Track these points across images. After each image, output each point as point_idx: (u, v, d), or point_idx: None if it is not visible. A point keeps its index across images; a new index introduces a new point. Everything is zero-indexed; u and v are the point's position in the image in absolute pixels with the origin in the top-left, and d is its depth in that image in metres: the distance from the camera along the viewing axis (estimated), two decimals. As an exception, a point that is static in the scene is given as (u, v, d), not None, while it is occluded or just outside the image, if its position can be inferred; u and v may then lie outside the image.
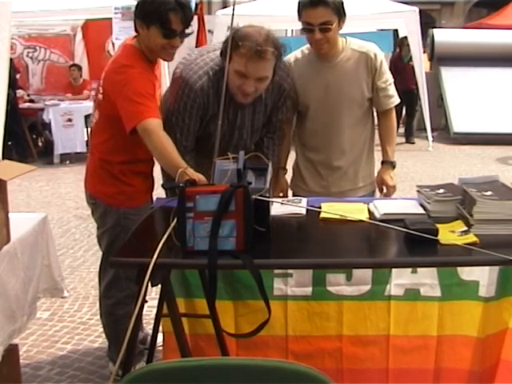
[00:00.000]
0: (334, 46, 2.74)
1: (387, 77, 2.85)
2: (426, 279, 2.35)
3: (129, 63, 2.50)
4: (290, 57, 2.84)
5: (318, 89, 2.80)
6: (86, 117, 8.47)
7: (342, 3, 2.67)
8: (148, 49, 2.54)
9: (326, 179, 2.88)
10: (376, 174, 2.95)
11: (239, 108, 2.61)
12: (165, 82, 9.78)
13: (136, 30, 2.56)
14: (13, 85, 8.01)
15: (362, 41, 2.87)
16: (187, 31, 2.52)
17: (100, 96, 2.61)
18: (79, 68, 9.71)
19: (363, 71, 2.79)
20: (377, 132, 2.95)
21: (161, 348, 2.57)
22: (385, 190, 2.89)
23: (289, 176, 3.03)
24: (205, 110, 2.56)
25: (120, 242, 2.49)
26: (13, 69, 8.53)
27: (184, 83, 2.54)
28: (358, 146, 2.89)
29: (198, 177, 2.15)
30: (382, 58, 2.84)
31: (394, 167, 2.90)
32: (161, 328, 2.29)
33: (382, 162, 2.91)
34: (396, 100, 2.89)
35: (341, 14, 2.66)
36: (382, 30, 10.15)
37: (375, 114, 2.95)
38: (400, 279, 2.36)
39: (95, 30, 10.31)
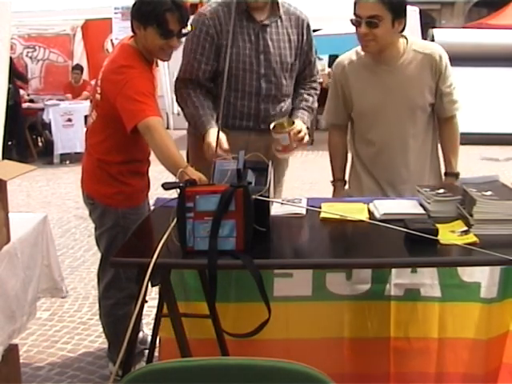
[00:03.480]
0: (383, 47, 2.54)
1: (451, 80, 2.65)
2: (426, 279, 2.34)
3: (128, 63, 2.50)
4: (344, 59, 2.72)
5: (376, 95, 2.61)
6: (86, 117, 8.45)
7: (402, 2, 2.49)
8: (145, 49, 2.54)
9: (386, 193, 2.68)
10: None
11: (260, 29, 2.69)
12: (165, 82, 9.83)
13: (133, 31, 2.56)
14: (13, 78, 8.02)
15: (424, 41, 2.71)
16: (184, 31, 2.53)
17: (98, 96, 2.61)
18: (82, 70, 9.69)
19: (427, 75, 2.60)
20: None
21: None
22: None
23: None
24: (217, 34, 2.66)
25: (119, 242, 2.49)
26: (14, 67, 8.55)
27: (196, 16, 2.73)
28: (423, 158, 2.69)
29: (199, 176, 2.16)
30: (447, 60, 2.63)
31: (457, 178, 2.67)
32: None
33: (446, 174, 2.71)
34: (461, 106, 2.69)
35: (396, 12, 2.45)
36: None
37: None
38: (400, 279, 2.34)
39: (95, 30, 10.32)
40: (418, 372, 2.39)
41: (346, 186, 2.85)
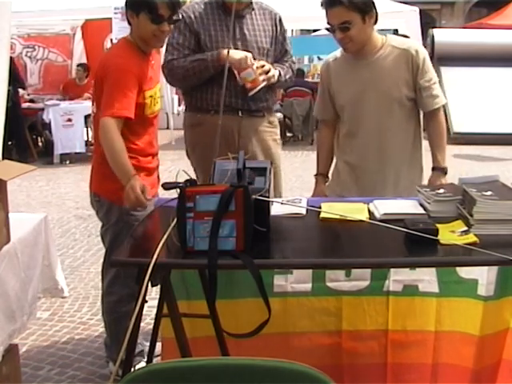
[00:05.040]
0: (361, 44, 2.65)
1: (431, 75, 2.73)
2: (425, 276, 2.37)
3: (116, 53, 2.64)
4: (330, 57, 2.86)
5: (353, 88, 2.72)
6: (86, 117, 8.47)
7: None
8: (140, 38, 2.63)
9: (364, 186, 2.75)
10: (427, 182, 2.75)
11: (236, 20, 2.97)
12: (165, 82, 9.78)
13: (129, 22, 2.65)
14: (14, 82, 8.01)
15: (403, 38, 2.82)
16: (175, 17, 2.61)
17: (94, 89, 2.72)
18: (85, 68, 9.68)
19: (403, 69, 2.68)
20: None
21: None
22: None
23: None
24: (192, 24, 2.97)
25: (123, 238, 2.50)
26: (14, 68, 8.54)
27: None
28: (400, 152, 2.75)
29: (142, 187, 2.40)
30: (426, 56, 2.72)
31: (445, 173, 2.74)
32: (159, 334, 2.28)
33: (433, 169, 2.76)
34: (442, 100, 2.76)
35: (363, 10, 2.56)
36: (382, 29, 10.15)
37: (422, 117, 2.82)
38: (398, 275, 2.38)
39: (95, 30, 10.32)
40: (415, 363, 2.43)
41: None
